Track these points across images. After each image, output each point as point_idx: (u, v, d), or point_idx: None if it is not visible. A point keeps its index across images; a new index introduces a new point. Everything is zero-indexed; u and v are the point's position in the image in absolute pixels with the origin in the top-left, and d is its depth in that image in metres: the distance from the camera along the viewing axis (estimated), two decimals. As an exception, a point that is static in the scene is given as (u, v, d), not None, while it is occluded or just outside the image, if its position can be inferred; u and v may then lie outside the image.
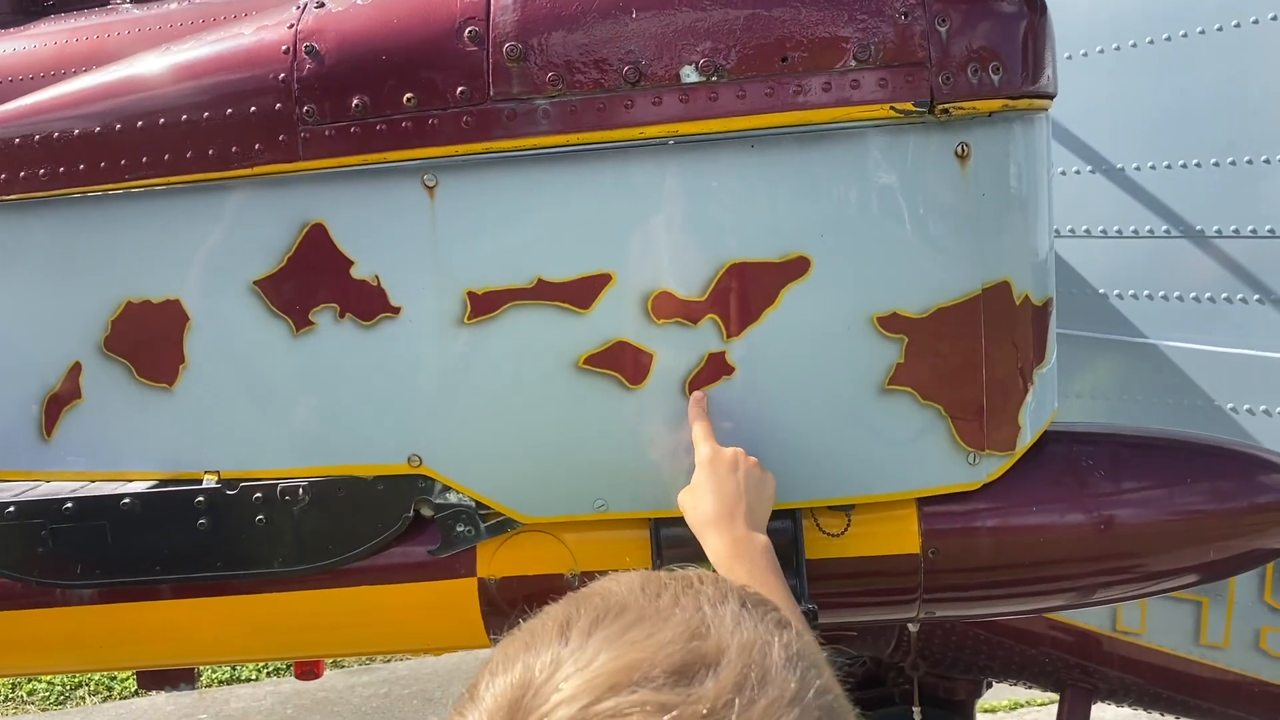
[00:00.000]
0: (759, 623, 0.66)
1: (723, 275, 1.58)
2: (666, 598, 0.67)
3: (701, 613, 0.65)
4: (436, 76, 1.57)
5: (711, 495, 1.50)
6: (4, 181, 1.74)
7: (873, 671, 3.95)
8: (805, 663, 0.64)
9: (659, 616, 0.63)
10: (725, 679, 0.59)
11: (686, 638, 0.61)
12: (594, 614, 0.65)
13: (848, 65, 1.53)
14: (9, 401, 1.80)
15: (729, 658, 0.61)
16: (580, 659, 0.60)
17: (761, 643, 0.63)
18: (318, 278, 1.66)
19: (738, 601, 0.68)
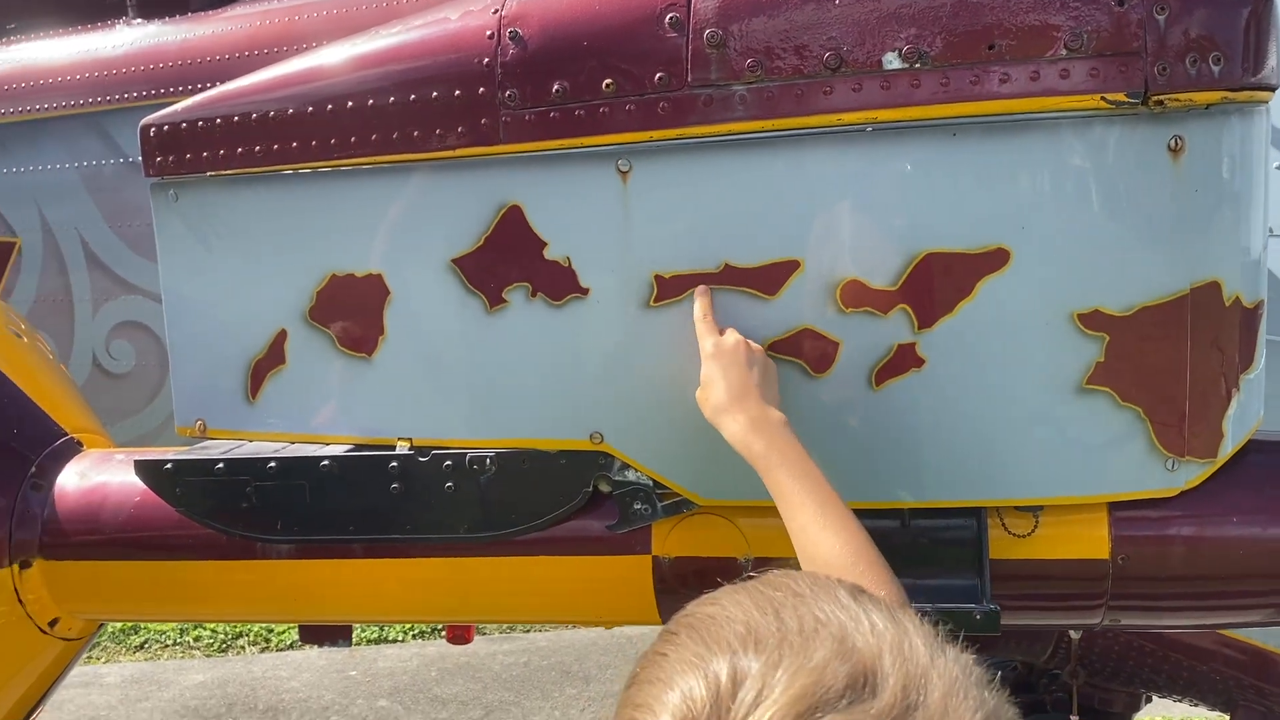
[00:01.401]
0: (882, 615, 0.67)
1: (916, 265, 1.56)
2: (789, 616, 0.67)
3: (834, 623, 0.66)
4: (636, 62, 1.60)
5: (722, 382, 1.51)
6: (221, 157, 1.85)
7: (1023, 676, 3.85)
8: (937, 640, 0.66)
9: (801, 637, 0.64)
10: (894, 684, 0.61)
11: (840, 654, 0.62)
12: (735, 645, 0.65)
13: (1058, 54, 1.48)
14: (219, 365, 1.92)
15: (885, 663, 0.62)
16: (748, 697, 0.61)
17: (900, 635, 0.65)
18: (512, 258, 1.71)
19: (849, 597, 0.69)
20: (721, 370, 1.53)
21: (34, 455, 1.99)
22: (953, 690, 0.61)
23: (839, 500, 1.39)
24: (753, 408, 1.48)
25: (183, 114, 1.87)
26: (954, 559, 1.65)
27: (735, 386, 1.50)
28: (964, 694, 0.62)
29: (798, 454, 1.44)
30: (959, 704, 0.61)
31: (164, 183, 1.90)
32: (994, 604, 1.60)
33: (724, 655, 0.64)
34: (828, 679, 0.60)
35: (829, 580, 0.73)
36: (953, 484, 1.62)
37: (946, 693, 0.61)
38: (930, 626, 0.68)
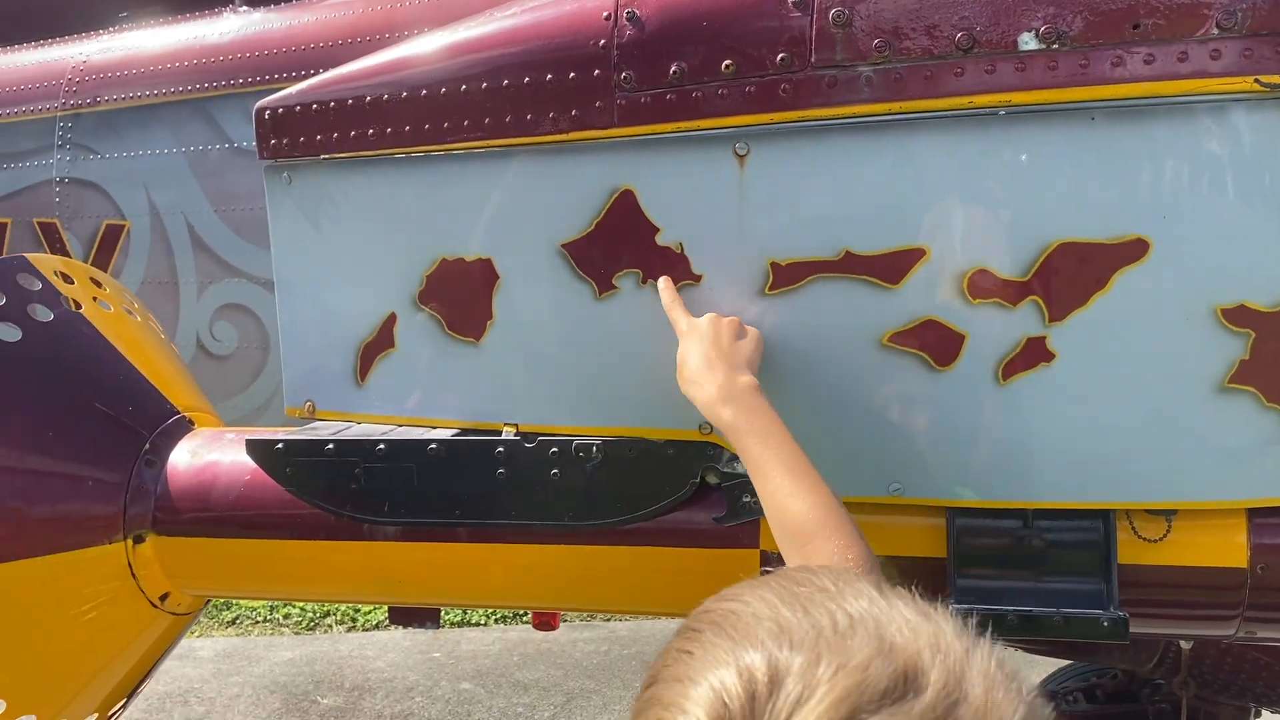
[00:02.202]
0: (913, 610, 0.67)
1: (1049, 255, 1.49)
2: (818, 612, 0.66)
3: (870, 619, 0.65)
4: (757, 43, 1.56)
5: (691, 355, 1.53)
6: (335, 140, 1.86)
7: (1124, 685, 3.72)
8: (970, 634, 0.65)
9: (837, 635, 0.63)
10: (935, 681, 0.60)
11: (881, 652, 0.61)
12: (765, 639, 0.64)
13: (1209, 33, 1.40)
14: (329, 347, 1.93)
15: (925, 660, 0.62)
16: (789, 696, 0.60)
17: (935, 631, 0.64)
18: (623, 243, 1.68)
19: (876, 591, 0.69)
20: (691, 345, 1.55)
21: (148, 432, 2.03)
22: (993, 685, 0.61)
23: (807, 464, 1.39)
24: (720, 375, 1.48)
25: (297, 97, 1.89)
26: (1079, 563, 1.58)
27: (702, 357, 1.51)
28: (1004, 689, 0.61)
29: (765, 419, 1.44)
30: (1000, 699, 0.60)
31: (278, 165, 1.91)
32: (1122, 611, 1.53)
33: (758, 650, 0.63)
34: (871, 679, 0.59)
35: (852, 574, 0.72)
36: (1080, 484, 1.55)
37: (988, 688, 0.61)
38: (960, 619, 0.67)
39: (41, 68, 3.94)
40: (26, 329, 1.96)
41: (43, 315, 2.03)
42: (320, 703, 5.63)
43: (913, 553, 1.66)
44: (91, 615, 1.97)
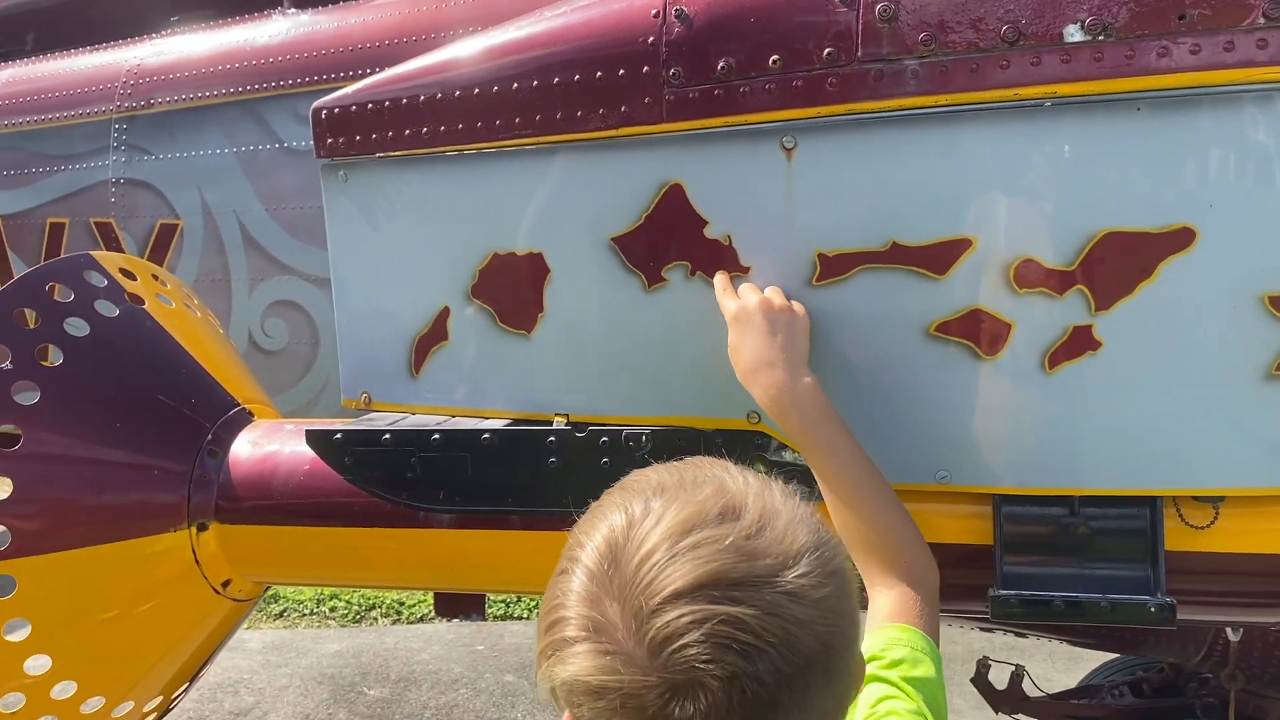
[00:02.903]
0: (757, 479, 0.91)
1: (1095, 244, 1.51)
2: (688, 474, 0.91)
3: (718, 478, 0.90)
4: (804, 38, 1.58)
5: (747, 348, 1.56)
6: (389, 139, 1.91)
7: (1171, 679, 3.70)
8: (795, 499, 0.90)
9: (695, 486, 0.88)
10: (753, 512, 0.85)
11: (715, 495, 0.86)
12: (647, 493, 0.89)
13: (1255, 23, 1.41)
14: (384, 340, 1.98)
15: (749, 502, 0.86)
16: (650, 521, 0.85)
17: (763, 488, 0.89)
18: (672, 236, 1.72)
19: (737, 468, 0.93)
20: (743, 334, 1.58)
21: (210, 424, 2.10)
22: (793, 521, 0.86)
23: (873, 471, 1.49)
24: (779, 375, 1.53)
25: (353, 97, 1.94)
26: (1126, 549, 1.60)
27: (759, 351, 1.55)
28: (801, 525, 0.86)
29: (832, 427, 1.51)
30: (797, 529, 0.85)
31: (334, 164, 1.97)
32: (1169, 597, 1.55)
33: (639, 499, 0.88)
34: (706, 508, 0.85)
35: (727, 461, 0.95)
36: (1127, 472, 1.57)
37: (789, 522, 0.86)
38: (796, 494, 0.91)
39: (97, 71, 4.04)
40: (94, 324, 2.03)
41: (108, 311, 2.10)
42: (367, 694, 5.73)
43: (959, 539, 1.68)
44: (158, 601, 2.04)
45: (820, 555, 0.85)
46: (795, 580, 0.82)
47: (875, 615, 1.40)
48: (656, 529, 0.83)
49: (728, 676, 0.78)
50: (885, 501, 1.48)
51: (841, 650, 0.85)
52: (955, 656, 6.40)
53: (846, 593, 0.88)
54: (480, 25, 3.31)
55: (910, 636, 1.33)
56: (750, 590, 0.80)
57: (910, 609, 1.39)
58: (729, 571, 0.80)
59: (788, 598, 0.81)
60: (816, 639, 0.82)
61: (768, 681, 0.79)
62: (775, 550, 0.83)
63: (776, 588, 0.81)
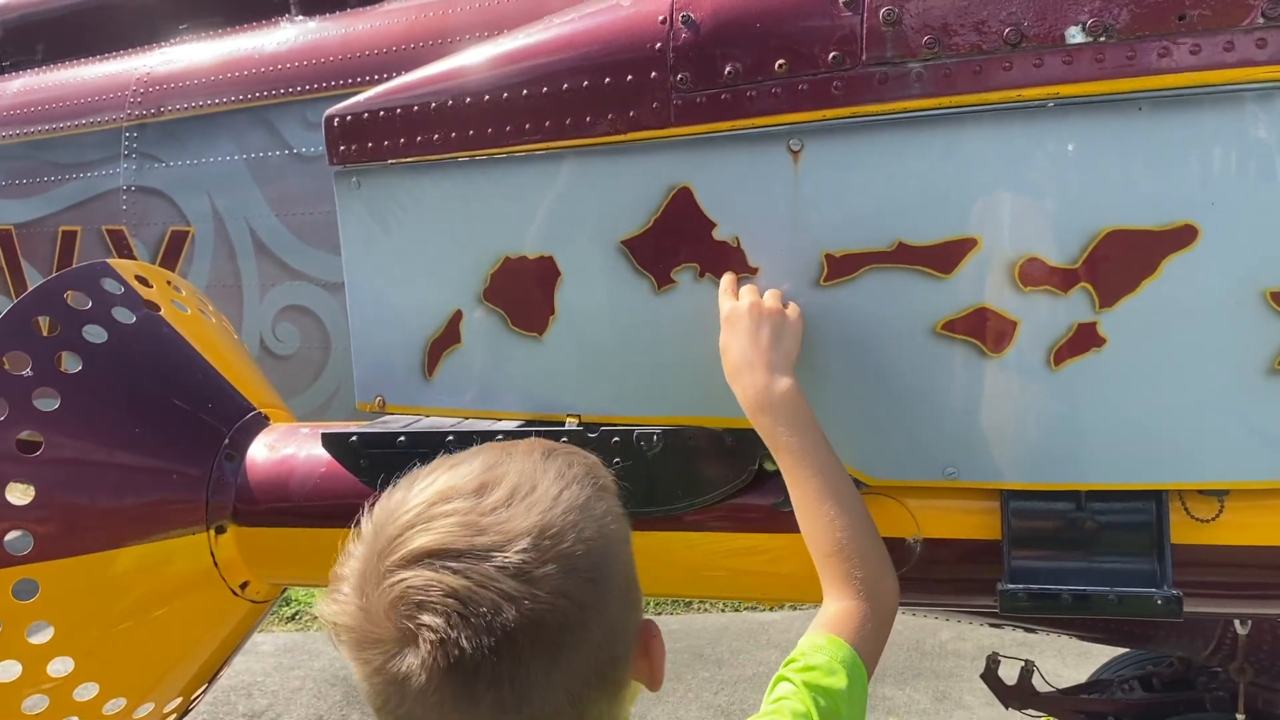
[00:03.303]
0: (545, 461, 0.99)
1: (1099, 242, 1.53)
2: (491, 452, 1.01)
3: (489, 458, 0.99)
4: (809, 42, 1.61)
5: (733, 348, 1.58)
6: (401, 146, 1.93)
7: (1180, 673, 3.72)
8: (575, 485, 0.97)
9: (462, 465, 0.98)
10: (501, 491, 0.93)
11: (478, 472, 0.96)
12: (440, 466, 1.00)
13: (1254, 22, 1.43)
14: (398, 344, 2.01)
15: (506, 479, 0.95)
16: (420, 489, 0.96)
17: (535, 470, 0.97)
18: (681, 239, 1.74)
19: (540, 451, 1.02)
20: (731, 334, 1.60)
21: (226, 428, 2.13)
22: (536, 503, 0.93)
23: (841, 478, 1.50)
24: (759, 377, 1.54)
25: (364, 105, 1.97)
26: (1132, 543, 1.62)
27: (743, 352, 1.57)
28: (541, 508, 0.93)
29: (805, 431, 1.51)
30: (533, 511, 0.92)
31: (347, 170, 1.99)
32: (1175, 589, 1.57)
33: (431, 470, 0.99)
34: (463, 482, 0.95)
35: (548, 444, 1.05)
36: (1132, 466, 1.59)
37: (531, 504, 0.93)
38: (573, 486, 0.98)
39: (107, 80, 4.08)
40: (112, 331, 2.07)
41: (125, 318, 2.13)
42: (380, 695, 5.75)
43: (967, 535, 1.71)
44: (177, 603, 2.07)
45: (547, 537, 0.91)
46: (513, 558, 0.88)
47: (817, 621, 1.40)
48: (418, 498, 0.94)
49: (436, 640, 0.86)
50: (850, 513, 1.47)
51: (563, 631, 0.90)
52: (965, 653, 6.42)
53: (582, 578, 0.92)
54: (487, 31, 3.35)
55: (835, 648, 1.33)
56: (468, 562, 0.88)
57: (850, 623, 1.38)
58: (454, 543, 0.89)
59: (501, 572, 0.88)
60: (524, 615, 0.87)
61: (467, 649, 0.86)
62: (503, 528, 0.90)
63: (492, 561, 0.88)
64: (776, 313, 1.61)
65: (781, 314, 1.61)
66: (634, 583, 1.04)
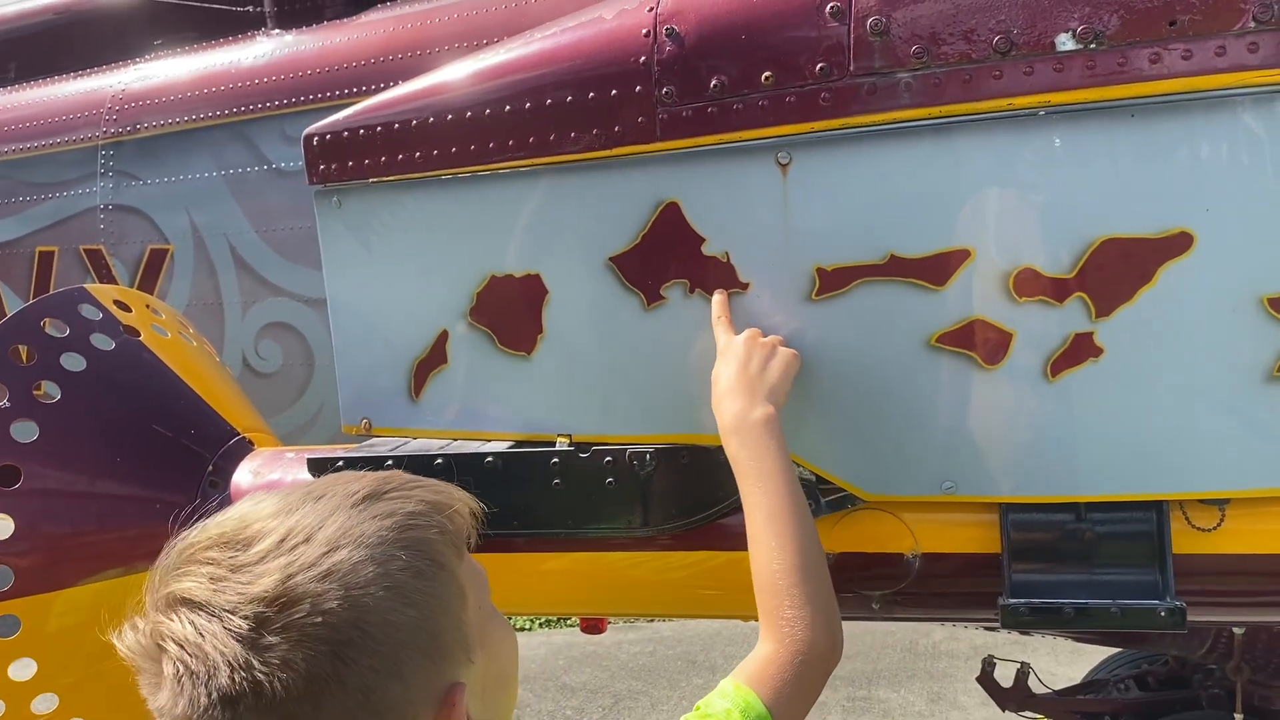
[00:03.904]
0: (350, 510, 0.92)
1: (1093, 251, 1.51)
2: (288, 496, 0.94)
3: (301, 499, 0.93)
4: (796, 54, 1.58)
5: (723, 376, 1.57)
6: (383, 164, 1.90)
7: (1176, 671, 3.72)
8: (354, 546, 0.89)
9: (271, 501, 0.93)
10: (269, 542, 0.88)
11: (271, 515, 0.91)
12: (248, 500, 0.95)
13: (1245, 27, 1.42)
14: (383, 365, 1.97)
15: (282, 529, 0.89)
16: (211, 524, 0.92)
17: (327, 520, 0.90)
18: (670, 254, 1.71)
19: (362, 493, 0.94)
20: (723, 363, 1.58)
21: (210, 454, 2.09)
22: (283, 566, 0.86)
23: (792, 515, 1.42)
24: (739, 403, 1.51)
25: (344, 123, 1.93)
26: (1133, 554, 1.60)
27: (729, 380, 1.55)
28: (285, 573, 0.86)
29: (768, 459, 1.46)
30: (277, 574, 0.86)
31: (327, 190, 1.96)
32: (1179, 600, 1.55)
33: (233, 509, 0.94)
34: (230, 533, 0.89)
35: (372, 482, 0.96)
36: (1132, 476, 1.57)
37: (283, 565, 0.86)
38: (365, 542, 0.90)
39: (82, 97, 4.03)
40: (91, 358, 2.03)
41: (104, 344, 2.09)
42: (372, 711, 5.70)
43: (967, 549, 1.69)
44: (163, 634, 2.02)
45: (281, 604, 0.85)
46: (240, 623, 0.85)
47: (742, 665, 1.32)
48: (196, 537, 0.91)
49: (174, 687, 0.86)
50: (792, 549, 1.39)
51: (290, 703, 0.84)
52: (958, 654, 6.42)
53: (319, 650, 0.85)
54: (466, 43, 3.32)
55: (743, 699, 1.24)
56: (205, 618, 0.86)
57: (768, 671, 1.30)
58: (199, 594, 0.86)
59: (227, 634, 0.85)
60: (240, 682, 0.84)
61: (198, 702, 0.85)
62: (245, 589, 0.86)
63: (223, 622, 0.85)
64: (770, 346, 1.59)
65: (774, 347, 1.59)
66: (426, 647, 0.91)
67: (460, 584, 0.96)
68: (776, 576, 1.38)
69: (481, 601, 1.00)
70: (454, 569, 0.95)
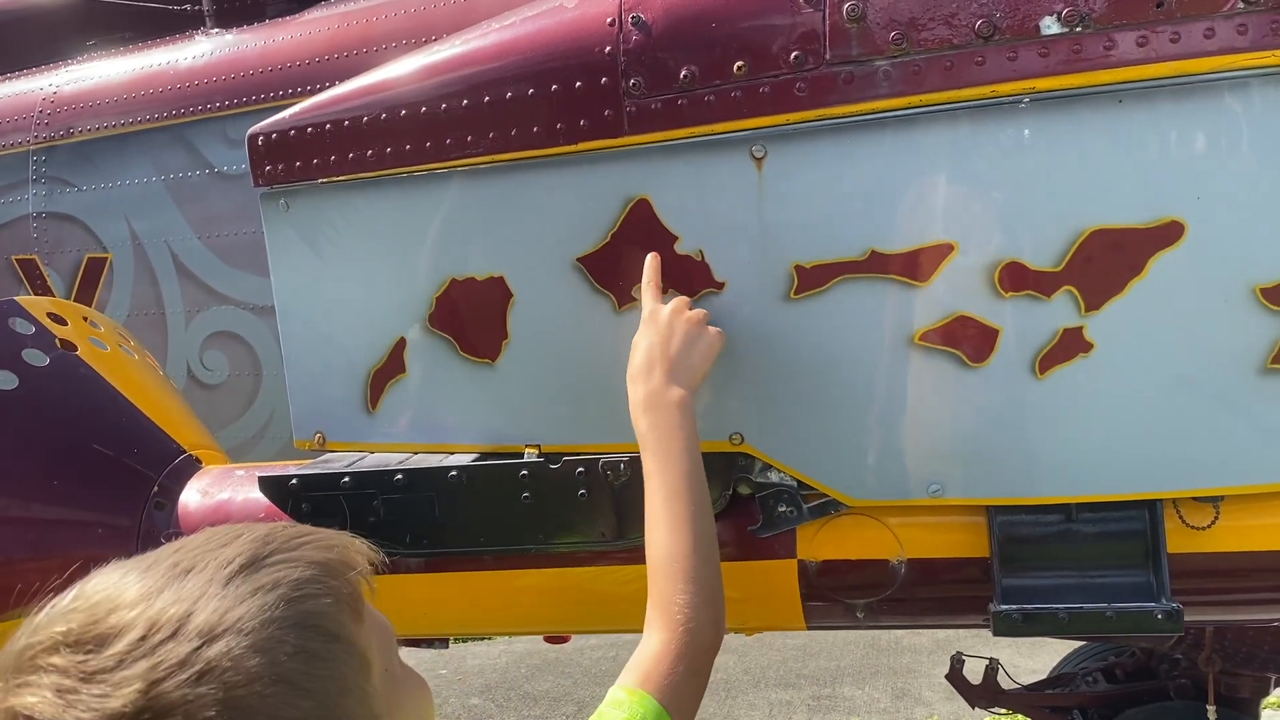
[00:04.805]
0: (225, 586, 0.78)
1: (1082, 243, 1.46)
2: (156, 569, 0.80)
3: (166, 576, 0.79)
4: (769, 42, 1.52)
5: (640, 350, 1.50)
6: (332, 163, 1.80)
7: (1144, 662, 3.72)
8: (233, 635, 0.75)
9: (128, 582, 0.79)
10: (130, 638, 0.74)
11: (132, 604, 0.76)
12: (95, 577, 0.82)
13: (1235, 8, 1.37)
14: (337, 376, 1.87)
15: (145, 619, 0.75)
16: (55, 613, 0.78)
17: (198, 602, 0.77)
18: (641, 254, 1.63)
19: (240, 560, 0.80)
20: (643, 334, 1.52)
21: (155, 474, 1.97)
22: (140, 674, 0.72)
23: (690, 497, 1.38)
24: (654, 381, 1.46)
25: (290, 121, 1.83)
26: (1127, 555, 1.55)
27: (646, 356, 1.48)
28: (144, 680, 0.72)
29: (674, 438, 1.42)
30: (135, 684, 0.72)
31: (274, 192, 1.86)
32: (1174, 601, 1.50)
33: (79, 592, 0.80)
34: (92, 623, 0.75)
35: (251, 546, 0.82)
36: (1124, 475, 1.52)
37: (146, 671, 0.73)
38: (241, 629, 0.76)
39: (10, 101, 3.86)
40: (23, 375, 1.90)
41: (37, 360, 1.97)
42: (330, 728, 5.57)
43: (955, 554, 1.63)
44: (108, 666, 1.91)
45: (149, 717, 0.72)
46: None
47: (630, 662, 1.26)
48: (36, 636, 0.77)
49: None
50: (688, 532, 1.35)
51: None
52: (921, 649, 6.42)
53: None
54: (414, 40, 3.21)
55: (637, 704, 1.19)
56: None
57: (661, 665, 1.24)
58: (44, 712, 0.72)
59: None
60: None
61: None
62: (102, 704, 0.72)
63: None
64: (695, 324, 1.52)
65: (700, 327, 1.52)
66: None
67: (362, 652, 0.83)
68: (673, 560, 1.33)
69: (389, 664, 0.88)
70: (353, 638, 0.83)
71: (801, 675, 6.13)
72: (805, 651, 6.47)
